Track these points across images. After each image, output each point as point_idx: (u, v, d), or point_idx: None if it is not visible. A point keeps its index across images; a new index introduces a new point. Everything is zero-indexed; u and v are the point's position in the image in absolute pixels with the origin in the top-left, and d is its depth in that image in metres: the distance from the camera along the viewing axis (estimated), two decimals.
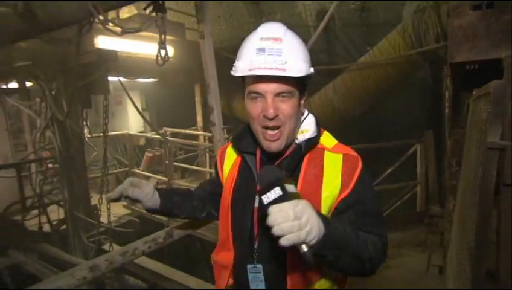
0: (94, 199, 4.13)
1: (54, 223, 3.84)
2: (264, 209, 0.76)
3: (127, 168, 5.99)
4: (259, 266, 1.00)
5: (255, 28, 0.97)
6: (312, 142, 1.00)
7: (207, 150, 5.63)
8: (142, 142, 6.73)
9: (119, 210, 5.10)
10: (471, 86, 2.49)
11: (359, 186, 0.95)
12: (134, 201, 1.12)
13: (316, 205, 0.91)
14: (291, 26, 0.96)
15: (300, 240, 0.71)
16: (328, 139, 1.04)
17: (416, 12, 4.96)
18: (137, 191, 1.09)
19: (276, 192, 0.75)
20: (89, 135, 4.38)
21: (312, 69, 0.97)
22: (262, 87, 0.91)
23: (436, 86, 5.63)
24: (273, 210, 0.72)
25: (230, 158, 1.13)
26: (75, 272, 1.23)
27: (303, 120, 1.04)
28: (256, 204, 1.00)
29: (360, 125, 6.01)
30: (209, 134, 5.61)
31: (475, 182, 1.80)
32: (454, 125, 3.55)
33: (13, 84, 4.02)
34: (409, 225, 4.60)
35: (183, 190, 1.33)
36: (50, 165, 4.37)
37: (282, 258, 0.96)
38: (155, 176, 5.57)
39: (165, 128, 5.72)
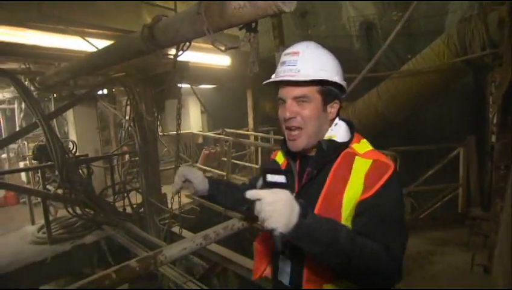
0: (163, 189, 4.50)
1: (134, 206, 4.23)
2: None
3: (189, 163, 6.38)
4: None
5: (303, 38, 1.07)
6: (335, 144, 0.98)
7: (259, 148, 5.83)
8: (200, 140, 7.15)
9: (182, 199, 5.43)
10: None
11: (382, 192, 0.88)
12: (189, 184, 1.20)
13: (337, 206, 0.91)
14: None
15: (269, 226, 0.73)
16: (362, 146, 0.99)
17: (461, 21, 4.78)
18: (191, 175, 1.20)
19: (261, 180, 0.81)
20: (161, 134, 4.75)
21: (337, 78, 0.97)
22: (283, 93, 0.99)
23: (479, 91, 5.36)
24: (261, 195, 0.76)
25: (280, 160, 1.16)
26: (195, 239, 1.45)
27: (333, 127, 1.02)
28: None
29: (403, 128, 5.89)
30: (260, 134, 5.83)
31: None
32: (502, 129, 3.42)
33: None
34: (450, 225, 4.46)
35: (232, 183, 1.40)
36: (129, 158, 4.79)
37: (302, 253, 0.91)
38: (213, 170, 5.88)
39: (222, 129, 6.02)
